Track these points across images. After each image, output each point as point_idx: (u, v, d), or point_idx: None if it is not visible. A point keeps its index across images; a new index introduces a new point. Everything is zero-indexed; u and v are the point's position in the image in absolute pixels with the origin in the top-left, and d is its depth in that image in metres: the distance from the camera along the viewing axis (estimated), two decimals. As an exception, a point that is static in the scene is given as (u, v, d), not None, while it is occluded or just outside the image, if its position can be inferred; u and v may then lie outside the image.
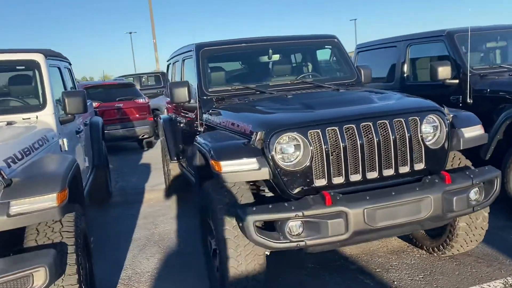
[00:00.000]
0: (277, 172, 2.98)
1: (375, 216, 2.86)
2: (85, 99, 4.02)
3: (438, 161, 3.31)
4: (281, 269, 3.83)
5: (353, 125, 3.07)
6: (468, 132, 3.41)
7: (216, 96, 4.29)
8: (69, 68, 5.48)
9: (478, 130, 3.50)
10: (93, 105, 7.55)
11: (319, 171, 3.03)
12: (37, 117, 3.82)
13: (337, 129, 3.04)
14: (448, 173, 3.10)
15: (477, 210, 3.22)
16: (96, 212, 6.00)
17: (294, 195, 3.02)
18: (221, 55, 4.67)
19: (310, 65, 5.03)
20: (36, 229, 2.71)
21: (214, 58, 4.63)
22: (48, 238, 2.69)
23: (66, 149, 3.94)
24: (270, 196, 3.43)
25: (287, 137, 3.02)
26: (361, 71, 4.78)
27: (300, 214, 2.76)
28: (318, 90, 4.26)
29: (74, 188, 3.19)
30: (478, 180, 3.14)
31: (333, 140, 3.03)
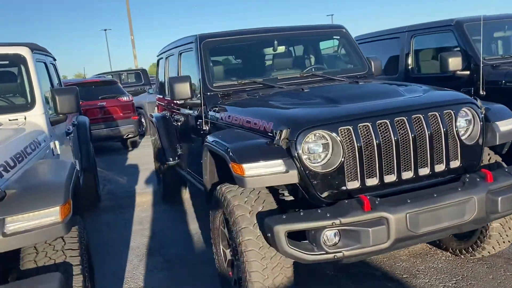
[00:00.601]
0: (305, 174, 2.67)
1: (418, 221, 2.58)
2: (78, 97, 3.62)
3: (473, 158, 3.06)
4: (300, 280, 3.51)
5: (387, 120, 2.79)
6: (504, 125, 3.16)
7: (221, 92, 3.94)
8: (54, 64, 5.05)
9: None
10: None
11: (351, 172, 2.73)
12: (25, 117, 3.40)
13: (370, 125, 2.75)
14: (490, 171, 2.84)
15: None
16: (86, 218, 5.56)
17: (324, 200, 2.72)
18: (224, 47, 4.32)
19: (318, 57, 4.72)
20: (35, 248, 2.33)
21: (216, 51, 4.28)
22: (50, 258, 2.31)
23: (58, 152, 3.54)
24: (290, 200, 3.12)
25: (314, 135, 2.71)
26: (371, 62, 4.51)
27: (337, 222, 2.46)
28: (332, 83, 3.96)
29: (74, 197, 2.80)
30: (520, 178, 2.89)
31: (365, 137, 2.74)
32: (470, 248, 3.52)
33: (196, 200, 5.99)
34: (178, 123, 5.00)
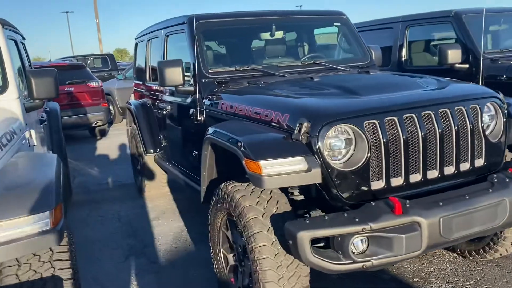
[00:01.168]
0: (328, 173, 2.38)
1: (452, 226, 2.34)
2: (57, 80, 3.18)
3: (497, 156, 2.87)
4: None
5: (414, 115, 2.54)
6: (526, 122, 2.98)
7: (218, 79, 3.59)
8: (24, 44, 4.53)
9: None
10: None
11: (376, 170, 2.47)
12: (-4, 102, 2.95)
13: (397, 119, 2.49)
14: (519, 171, 2.65)
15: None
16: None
17: (346, 201, 2.45)
18: (219, 30, 3.96)
19: (318, 45, 4.43)
20: (17, 260, 1.94)
21: (211, 34, 3.91)
22: (35, 272, 1.94)
23: (34, 143, 3.11)
24: (300, 200, 2.84)
25: (336, 130, 2.43)
26: (372, 52, 4.27)
27: (367, 227, 2.19)
28: (340, 73, 3.69)
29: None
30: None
31: (391, 132, 2.48)
32: (481, 250, 3.35)
33: (177, 194, 5.62)
34: (162, 111, 4.61)
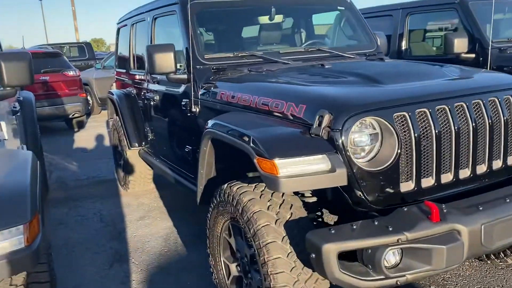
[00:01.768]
0: (353, 173, 2.06)
1: (493, 234, 2.05)
2: (31, 65, 2.77)
3: (528, 153, 2.59)
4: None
5: (446, 106, 2.23)
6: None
7: (214, 66, 3.23)
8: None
9: None
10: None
11: (406, 170, 2.16)
12: (-41, 90, 2.53)
13: (428, 111, 2.18)
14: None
15: None
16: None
17: (373, 206, 2.13)
18: (215, 11, 3.58)
19: (320, 31, 4.10)
20: (-18, 285, 1.56)
21: (206, 16, 3.53)
22: (6, 298, 1.55)
23: (5, 137, 2.70)
24: (312, 202, 2.52)
25: (361, 123, 2.10)
26: (378, 39, 3.96)
27: (403, 238, 1.87)
28: (351, 60, 3.37)
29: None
30: None
31: (422, 126, 2.18)
32: (502, 253, 3.10)
33: (163, 191, 5.24)
34: (149, 102, 4.21)
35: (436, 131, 2.19)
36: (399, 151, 2.10)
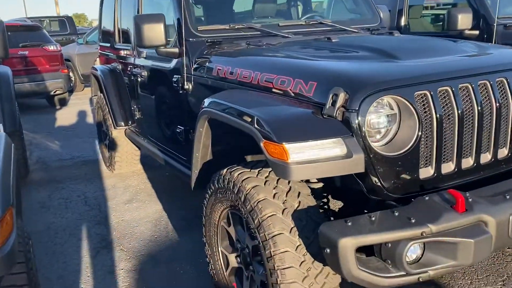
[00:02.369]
0: (370, 158, 1.85)
1: (520, 225, 1.88)
2: (5, 36, 2.48)
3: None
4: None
5: (470, 84, 2.03)
6: None
7: (209, 38, 2.97)
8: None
9: None
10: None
11: (426, 154, 1.96)
12: None
13: (451, 89, 1.98)
14: None
15: None
16: (13, 197, 4.39)
17: (390, 194, 1.94)
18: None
19: (319, 2, 3.84)
20: None
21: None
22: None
23: (-23, 116, 2.42)
24: (318, 188, 2.31)
25: (378, 103, 1.89)
26: (380, 14, 3.72)
27: (427, 230, 1.68)
28: (356, 34, 3.14)
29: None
30: None
31: (444, 106, 1.98)
32: (511, 240, 2.96)
33: (151, 172, 5.00)
34: (136, 78, 3.93)
35: (459, 111, 1.99)
36: (419, 133, 1.89)
